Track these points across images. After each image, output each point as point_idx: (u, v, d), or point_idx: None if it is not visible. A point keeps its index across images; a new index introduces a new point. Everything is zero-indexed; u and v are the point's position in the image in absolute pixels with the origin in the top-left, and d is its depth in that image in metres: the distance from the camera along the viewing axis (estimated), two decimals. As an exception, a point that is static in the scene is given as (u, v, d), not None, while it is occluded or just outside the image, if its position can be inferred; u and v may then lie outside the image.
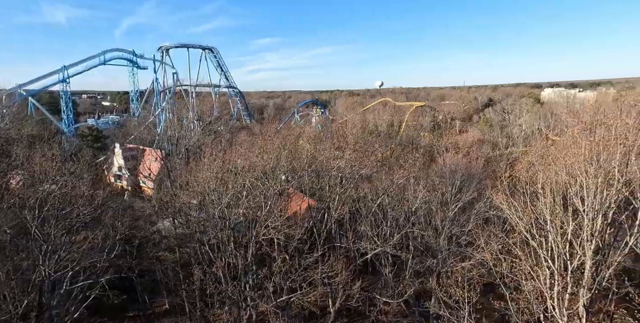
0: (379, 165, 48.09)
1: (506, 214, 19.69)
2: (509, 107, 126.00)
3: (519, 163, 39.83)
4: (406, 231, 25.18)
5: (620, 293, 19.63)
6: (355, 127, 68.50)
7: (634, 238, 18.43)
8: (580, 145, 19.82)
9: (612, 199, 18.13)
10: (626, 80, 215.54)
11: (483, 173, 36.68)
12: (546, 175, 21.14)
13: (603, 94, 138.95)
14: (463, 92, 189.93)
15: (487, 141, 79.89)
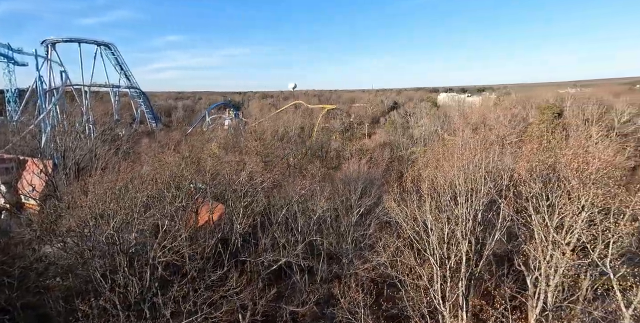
0: (290, 171, 48.76)
1: (395, 218, 21.56)
2: (410, 110, 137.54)
3: (416, 164, 43.76)
4: (311, 239, 26.01)
5: (492, 282, 22.67)
6: (265, 132, 68.49)
7: (499, 233, 21.50)
8: (452, 157, 22.31)
9: (481, 202, 20.96)
10: (504, 87, 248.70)
11: (384, 176, 39.33)
12: (430, 180, 23.55)
13: (486, 98, 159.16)
14: (371, 95, 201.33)
15: (392, 143, 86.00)
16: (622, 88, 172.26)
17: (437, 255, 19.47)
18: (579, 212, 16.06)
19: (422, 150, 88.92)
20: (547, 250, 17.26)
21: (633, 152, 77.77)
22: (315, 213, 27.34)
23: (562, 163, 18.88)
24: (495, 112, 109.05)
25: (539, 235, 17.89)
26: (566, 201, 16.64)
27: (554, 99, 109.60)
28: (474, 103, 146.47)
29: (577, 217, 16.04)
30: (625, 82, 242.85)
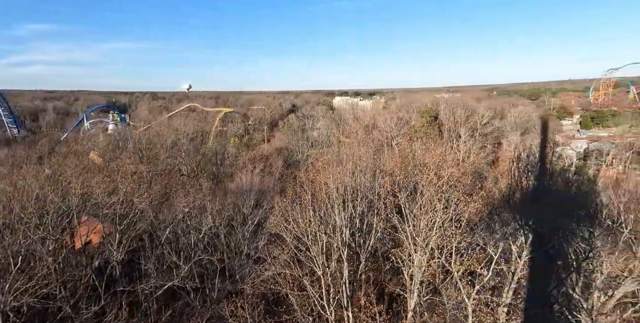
0: (182, 182, 46.11)
1: (280, 230, 22.15)
2: (308, 113, 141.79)
3: (310, 170, 45.20)
4: (200, 258, 25.12)
5: (379, 280, 24.75)
6: (155, 139, 63.76)
7: (374, 238, 23.61)
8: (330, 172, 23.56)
9: (357, 210, 22.76)
10: (392, 91, 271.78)
11: (280, 184, 39.79)
12: (317, 187, 24.58)
13: (377, 102, 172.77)
14: (270, 97, 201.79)
15: (290, 147, 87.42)
16: (484, 94, 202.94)
17: (318, 264, 20.57)
18: (432, 219, 18.73)
19: (319, 153, 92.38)
20: (412, 252, 19.66)
21: (491, 149, 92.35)
22: (203, 228, 26.44)
23: (422, 177, 21.42)
24: (384, 115, 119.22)
25: (407, 238, 20.30)
26: (421, 210, 19.19)
27: (431, 103, 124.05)
28: (365, 106, 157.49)
29: (431, 224, 18.70)
30: (486, 89, 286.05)
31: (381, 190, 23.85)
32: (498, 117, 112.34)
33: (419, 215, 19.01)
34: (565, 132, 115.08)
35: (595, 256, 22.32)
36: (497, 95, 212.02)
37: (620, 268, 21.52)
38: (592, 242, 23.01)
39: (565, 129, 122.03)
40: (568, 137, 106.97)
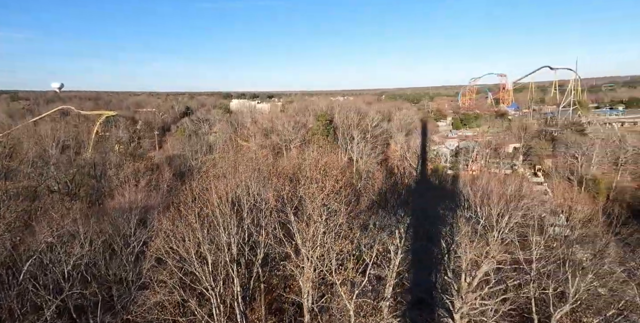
0: (53, 200, 39.93)
1: (164, 252, 20.78)
2: (203, 116, 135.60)
3: (204, 179, 43.05)
4: (72, 292, 22.07)
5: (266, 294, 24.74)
6: (15, 150, 54.55)
7: (263, 251, 23.58)
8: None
9: (246, 224, 22.51)
10: (288, 94, 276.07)
11: (170, 197, 37.14)
12: (201, 206, 23.44)
13: (274, 105, 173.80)
14: (161, 99, 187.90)
15: (184, 154, 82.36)
16: (373, 98, 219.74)
17: (206, 284, 19.86)
18: (316, 230, 19.57)
19: (215, 159, 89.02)
20: (300, 263, 20.23)
21: (381, 149, 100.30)
22: (75, 256, 23.28)
23: (305, 191, 21.96)
24: (282, 118, 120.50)
25: (293, 251, 20.81)
26: (304, 223, 19.88)
27: (327, 107, 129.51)
28: (264, 109, 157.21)
29: (315, 237, 19.54)
30: (377, 93, 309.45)
31: (270, 203, 23.94)
32: (386, 120, 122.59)
33: (301, 229, 19.56)
34: (441, 133, 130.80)
35: (460, 244, 25.80)
36: (385, 99, 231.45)
37: (479, 253, 25.22)
38: (457, 232, 26.60)
39: (441, 130, 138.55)
40: (443, 137, 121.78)
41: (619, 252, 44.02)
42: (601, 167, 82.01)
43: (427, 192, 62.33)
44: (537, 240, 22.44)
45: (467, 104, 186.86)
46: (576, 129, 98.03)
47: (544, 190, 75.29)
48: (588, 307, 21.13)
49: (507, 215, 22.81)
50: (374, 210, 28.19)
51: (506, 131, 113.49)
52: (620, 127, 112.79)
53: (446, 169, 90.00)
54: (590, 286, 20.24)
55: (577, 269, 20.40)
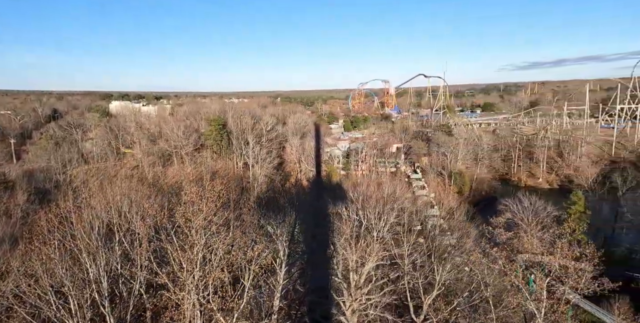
0: None
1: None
2: (75, 120, 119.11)
3: (70, 197, 37.60)
4: None
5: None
6: None
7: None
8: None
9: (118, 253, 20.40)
10: (180, 95, 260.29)
11: (23, 226, 31.49)
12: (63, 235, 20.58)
13: (162, 108, 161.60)
14: (18, 100, 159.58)
15: (51, 165, 70.80)
16: (269, 100, 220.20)
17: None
18: (196, 255, 18.57)
19: (91, 170, 79.01)
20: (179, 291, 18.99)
21: (277, 153, 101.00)
22: None
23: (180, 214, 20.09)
24: (170, 123, 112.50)
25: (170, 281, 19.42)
26: (179, 251, 18.69)
27: (219, 110, 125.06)
28: (150, 113, 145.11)
29: (194, 262, 18.47)
30: (271, 95, 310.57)
31: (145, 228, 22.00)
32: (281, 123, 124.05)
33: (176, 257, 18.31)
34: (333, 135, 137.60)
35: (346, 245, 27.36)
36: (281, 101, 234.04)
37: (363, 252, 27.07)
38: (343, 234, 28.19)
39: (333, 132, 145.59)
40: (335, 139, 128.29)
41: (477, 236, 51.40)
42: (465, 163, 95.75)
43: (322, 193, 65.12)
44: (408, 237, 25.13)
45: (356, 107, 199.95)
46: (445, 130, 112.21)
47: (422, 184, 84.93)
48: (450, 291, 24.49)
49: (384, 216, 24.99)
50: (264, 217, 28.08)
51: (390, 133, 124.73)
52: (478, 128, 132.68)
53: (339, 170, 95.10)
54: (450, 272, 23.52)
55: (440, 259, 23.48)
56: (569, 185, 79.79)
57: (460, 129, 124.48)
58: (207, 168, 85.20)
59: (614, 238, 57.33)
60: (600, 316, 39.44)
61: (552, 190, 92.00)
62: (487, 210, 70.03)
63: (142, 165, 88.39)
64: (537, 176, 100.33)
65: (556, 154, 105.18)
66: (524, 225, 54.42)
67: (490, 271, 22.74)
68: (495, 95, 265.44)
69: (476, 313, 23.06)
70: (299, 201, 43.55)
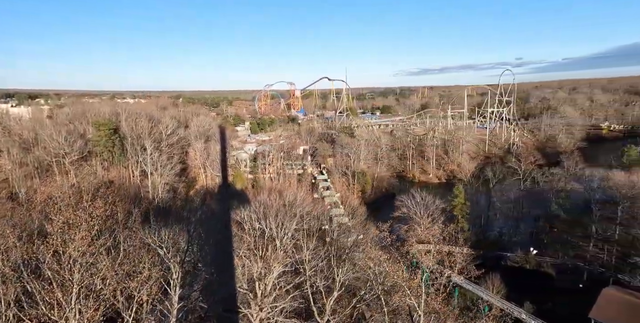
0: None
1: None
2: None
3: None
4: None
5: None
6: None
7: None
8: None
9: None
10: (59, 94, 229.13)
11: None
12: None
13: (38, 110, 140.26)
14: None
15: None
16: (169, 101, 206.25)
17: None
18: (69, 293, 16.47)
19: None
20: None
21: (179, 159, 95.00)
22: None
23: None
24: (49, 127, 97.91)
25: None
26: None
27: (110, 112, 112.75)
28: (22, 115, 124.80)
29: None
30: (172, 96, 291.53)
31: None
32: (183, 126, 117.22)
33: (45, 295, 16.05)
34: (240, 137, 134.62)
35: (249, 256, 27.12)
36: (183, 102, 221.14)
37: (267, 261, 27.12)
38: (245, 243, 27.87)
39: (240, 134, 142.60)
40: (242, 142, 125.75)
41: (376, 233, 54.97)
42: (367, 162, 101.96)
43: (227, 200, 63.31)
44: (308, 243, 25.91)
45: (263, 109, 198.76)
46: (348, 132, 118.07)
47: (328, 185, 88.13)
48: (350, 290, 25.93)
49: (286, 223, 25.37)
50: (158, 234, 26.22)
51: (297, 135, 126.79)
52: (378, 129, 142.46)
53: (246, 174, 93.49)
54: (349, 273, 24.95)
55: (340, 260, 24.76)
56: (454, 179, 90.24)
57: (362, 130, 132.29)
58: (96, 180, 76.61)
59: (488, 224, 66.54)
60: (479, 293, 45.51)
61: (441, 184, 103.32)
62: (388, 205, 75.90)
63: (12, 179, 75.94)
64: (429, 172, 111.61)
65: (443, 152, 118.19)
66: (417, 218, 60.49)
67: (383, 268, 24.61)
68: (392, 98, 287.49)
69: (373, 308, 24.79)
70: (203, 210, 41.86)
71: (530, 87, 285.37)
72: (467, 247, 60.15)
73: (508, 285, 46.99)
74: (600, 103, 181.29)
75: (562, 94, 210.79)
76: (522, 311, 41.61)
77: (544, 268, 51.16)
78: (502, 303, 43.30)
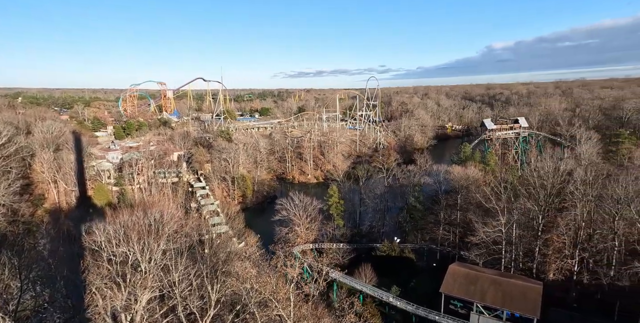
0: None
1: None
2: None
3: None
4: None
5: None
6: None
7: None
8: None
9: None
10: None
11: None
12: None
13: None
14: None
15: None
16: (2, 101, 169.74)
17: None
18: None
19: None
20: None
21: (20, 173, 79.10)
22: None
23: None
24: None
25: None
26: None
27: None
28: None
29: None
30: (8, 94, 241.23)
31: None
32: (23, 133, 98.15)
33: None
34: (101, 145, 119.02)
35: (100, 287, 24.28)
36: (23, 103, 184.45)
37: (134, 288, 24.65)
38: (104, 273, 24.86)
39: (101, 141, 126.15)
40: (104, 150, 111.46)
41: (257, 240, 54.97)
42: (246, 167, 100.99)
43: (84, 220, 55.14)
44: (177, 264, 24.44)
45: (129, 111, 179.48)
46: (226, 136, 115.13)
47: (206, 193, 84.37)
48: (230, 305, 25.31)
49: (152, 245, 23.42)
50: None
51: (170, 140, 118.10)
52: (257, 132, 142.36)
53: (111, 186, 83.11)
54: (223, 289, 24.33)
55: (214, 277, 24.03)
56: (330, 178, 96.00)
57: (240, 133, 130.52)
58: None
59: (361, 219, 72.72)
60: (354, 285, 49.40)
61: (319, 184, 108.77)
62: (270, 208, 76.52)
63: None
64: (307, 173, 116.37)
65: (319, 153, 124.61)
66: (296, 219, 62.56)
67: (251, 284, 24.53)
68: (271, 100, 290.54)
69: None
70: (51, 235, 35.84)
71: (392, 92, 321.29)
72: (344, 243, 65.01)
73: (379, 272, 52.17)
74: (445, 107, 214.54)
75: (417, 99, 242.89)
76: (389, 295, 46.62)
77: (406, 254, 58.20)
78: (373, 291, 47.83)
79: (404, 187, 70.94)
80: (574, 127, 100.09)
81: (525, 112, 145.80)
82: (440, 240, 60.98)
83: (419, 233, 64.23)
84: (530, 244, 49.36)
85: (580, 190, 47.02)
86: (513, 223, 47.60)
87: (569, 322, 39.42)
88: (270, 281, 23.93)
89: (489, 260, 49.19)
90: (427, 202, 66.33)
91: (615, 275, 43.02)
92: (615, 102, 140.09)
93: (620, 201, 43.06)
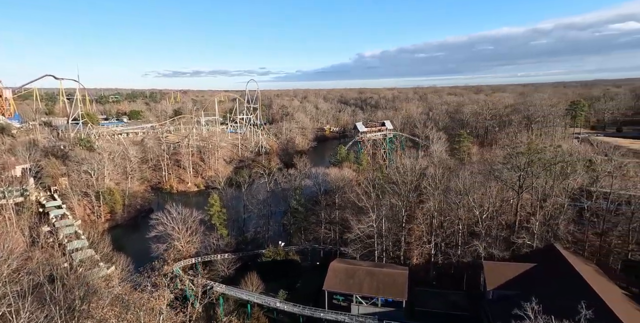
0: None
1: None
2: None
3: None
4: None
5: None
6: None
7: None
8: None
9: None
10: None
11: None
12: None
13: None
14: None
15: None
16: None
17: None
18: None
19: None
20: None
21: None
22: None
23: None
24: None
25: None
26: None
27: None
28: None
29: None
30: None
31: None
32: None
33: None
34: None
35: None
36: None
37: None
38: None
39: None
40: None
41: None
42: (114, 178, 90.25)
43: None
44: (20, 310, 20.62)
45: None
46: (86, 144, 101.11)
47: (62, 213, 72.51)
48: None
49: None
50: None
51: (9, 150, 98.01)
52: (126, 138, 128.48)
53: None
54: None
55: (71, 318, 20.91)
56: (211, 186, 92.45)
57: (105, 140, 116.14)
58: None
59: (245, 225, 71.84)
60: (240, 296, 48.64)
61: (200, 192, 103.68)
62: (145, 222, 69.71)
63: None
64: (187, 181, 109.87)
65: (199, 159, 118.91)
66: (175, 233, 58.62)
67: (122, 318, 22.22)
68: (142, 102, 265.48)
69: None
70: None
71: (272, 95, 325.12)
72: (229, 252, 63.31)
73: (266, 278, 52.37)
74: (323, 110, 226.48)
75: (297, 102, 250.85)
76: (276, 300, 47.29)
77: (291, 256, 59.76)
78: (260, 299, 47.87)
79: (286, 191, 72.66)
80: (428, 129, 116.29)
81: (390, 115, 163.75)
82: (322, 238, 64.26)
83: (303, 234, 66.61)
84: (397, 235, 55.73)
85: (432, 185, 55.04)
86: (382, 218, 53.18)
87: (430, 298, 45.72)
88: (137, 314, 21.81)
89: (364, 253, 53.98)
90: (308, 203, 69.18)
91: (461, 254, 51.58)
92: (458, 107, 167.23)
93: (460, 192, 51.86)
